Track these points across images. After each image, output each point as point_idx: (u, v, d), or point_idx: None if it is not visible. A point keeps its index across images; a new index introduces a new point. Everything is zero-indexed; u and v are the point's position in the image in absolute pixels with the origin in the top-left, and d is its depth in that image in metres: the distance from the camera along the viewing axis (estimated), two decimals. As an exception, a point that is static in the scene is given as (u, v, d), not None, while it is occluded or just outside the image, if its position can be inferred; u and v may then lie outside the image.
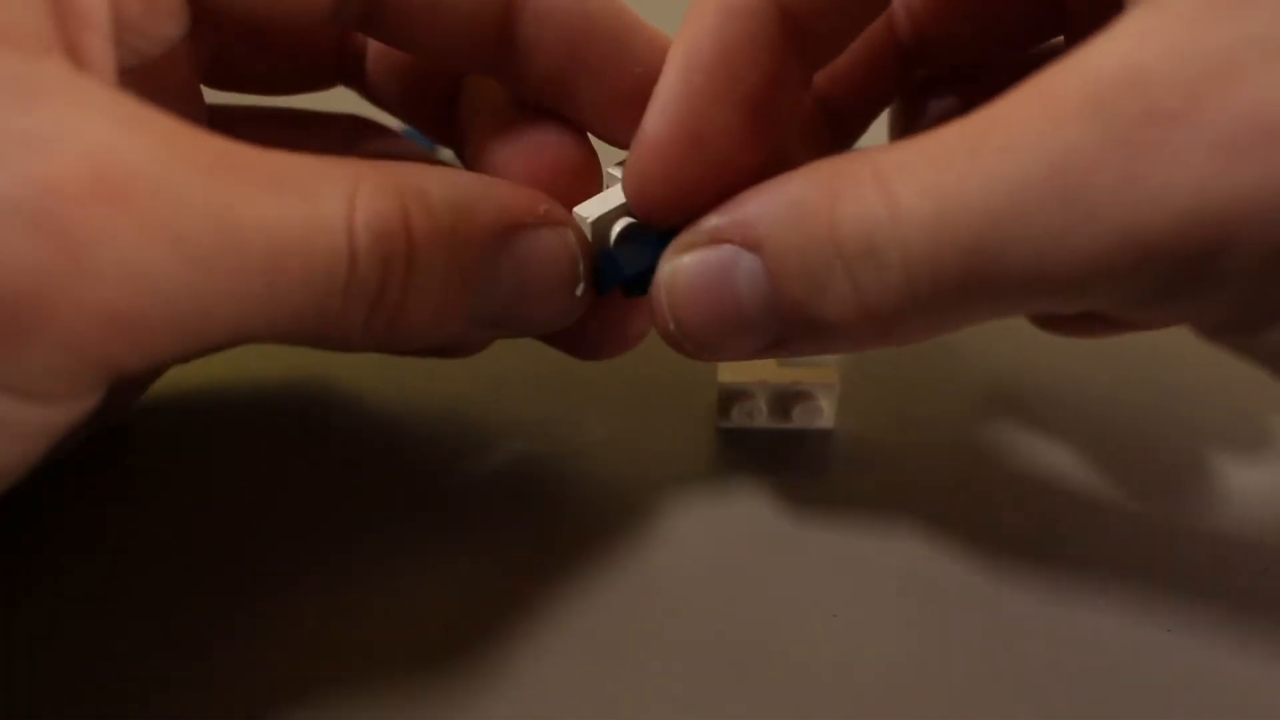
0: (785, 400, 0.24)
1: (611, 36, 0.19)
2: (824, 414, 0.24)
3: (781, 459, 0.24)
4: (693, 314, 0.18)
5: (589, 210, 0.19)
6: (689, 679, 0.19)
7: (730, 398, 0.24)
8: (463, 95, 0.22)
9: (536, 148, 0.20)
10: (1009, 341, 0.27)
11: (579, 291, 0.19)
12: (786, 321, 0.17)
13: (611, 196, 0.19)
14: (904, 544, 0.21)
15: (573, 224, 0.19)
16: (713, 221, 0.18)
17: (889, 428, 0.24)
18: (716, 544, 0.21)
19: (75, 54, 0.15)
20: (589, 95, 0.20)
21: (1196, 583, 0.21)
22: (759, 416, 0.24)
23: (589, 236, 0.19)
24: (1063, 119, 0.14)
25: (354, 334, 0.16)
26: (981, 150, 0.15)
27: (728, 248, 0.18)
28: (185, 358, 0.15)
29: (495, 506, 0.22)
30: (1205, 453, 0.24)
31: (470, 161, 0.21)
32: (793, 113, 0.20)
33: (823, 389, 0.23)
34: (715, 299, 0.18)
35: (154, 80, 0.17)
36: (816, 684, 0.19)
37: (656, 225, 0.19)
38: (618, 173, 0.19)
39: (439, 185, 0.17)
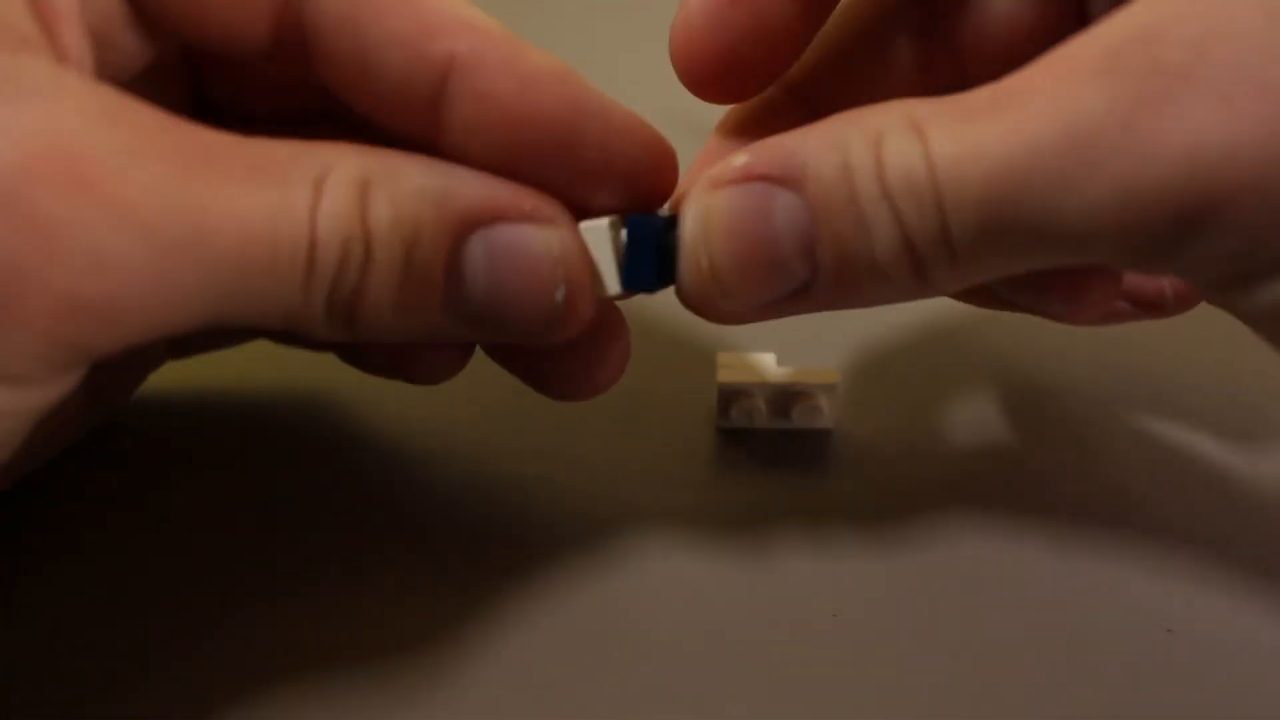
0: (785, 400, 0.24)
1: (563, 126, 0.17)
2: (824, 414, 0.24)
3: (781, 459, 0.24)
4: (728, 249, 0.17)
5: (594, 220, 0.18)
6: (689, 679, 0.19)
7: (730, 398, 0.24)
8: None
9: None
10: (1009, 342, 0.27)
11: (559, 295, 0.17)
12: (823, 262, 0.17)
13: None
14: (904, 543, 0.21)
15: (564, 225, 0.17)
16: (743, 159, 0.17)
17: (889, 428, 0.24)
18: (716, 544, 0.21)
19: (55, 48, 0.15)
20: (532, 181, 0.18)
21: (1196, 583, 0.21)
22: (759, 416, 0.24)
23: (610, 242, 0.18)
24: (1077, 77, 0.15)
25: (317, 324, 0.16)
26: (1005, 107, 0.15)
27: (762, 185, 0.17)
28: (158, 339, 0.15)
29: (494, 506, 0.22)
30: (1206, 452, 0.24)
31: None
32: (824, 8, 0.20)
33: (823, 389, 0.23)
34: (753, 234, 0.17)
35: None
36: (816, 684, 0.19)
37: (704, 97, 0.19)
38: (593, 223, 0.18)
39: (416, 173, 0.16)
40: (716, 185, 0.17)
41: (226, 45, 0.18)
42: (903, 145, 0.16)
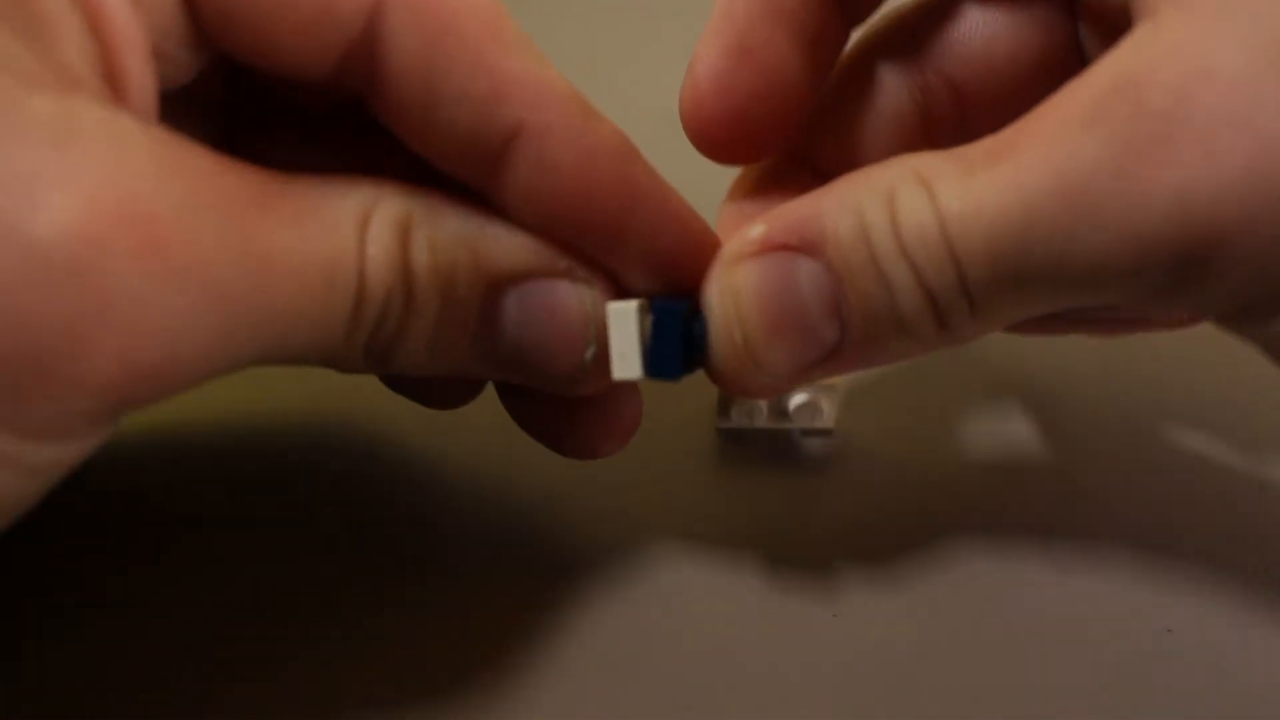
0: (785, 400, 0.24)
1: (617, 206, 0.17)
2: (824, 414, 0.24)
3: (781, 459, 0.24)
4: (758, 320, 0.18)
5: (622, 302, 0.18)
6: (689, 679, 0.19)
7: (730, 398, 0.24)
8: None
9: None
10: (1009, 342, 0.27)
11: (588, 355, 0.18)
12: (850, 322, 0.17)
13: None
14: (904, 544, 0.21)
15: (600, 285, 0.18)
16: (759, 230, 0.17)
17: (889, 428, 0.24)
18: (716, 544, 0.21)
19: (115, 80, 0.14)
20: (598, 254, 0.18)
21: (1196, 583, 0.21)
22: (759, 416, 0.24)
23: (637, 326, 0.18)
24: (1068, 127, 0.15)
25: (355, 363, 0.17)
26: (1001, 158, 0.16)
27: (784, 254, 0.17)
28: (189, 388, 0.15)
29: (494, 506, 0.22)
30: (1206, 452, 0.24)
31: None
32: (829, 60, 0.20)
33: (823, 389, 0.23)
34: (781, 303, 0.17)
35: (179, 108, 0.17)
36: (817, 684, 0.19)
37: (716, 159, 0.20)
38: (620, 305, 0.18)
39: (455, 218, 0.17)
40: (738, 260, 0.18)
41: (288, 71, 0.17)
42: (914, 201, 0.16)
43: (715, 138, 0.19)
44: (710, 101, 0.19)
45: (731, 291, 0.18)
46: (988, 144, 0.16)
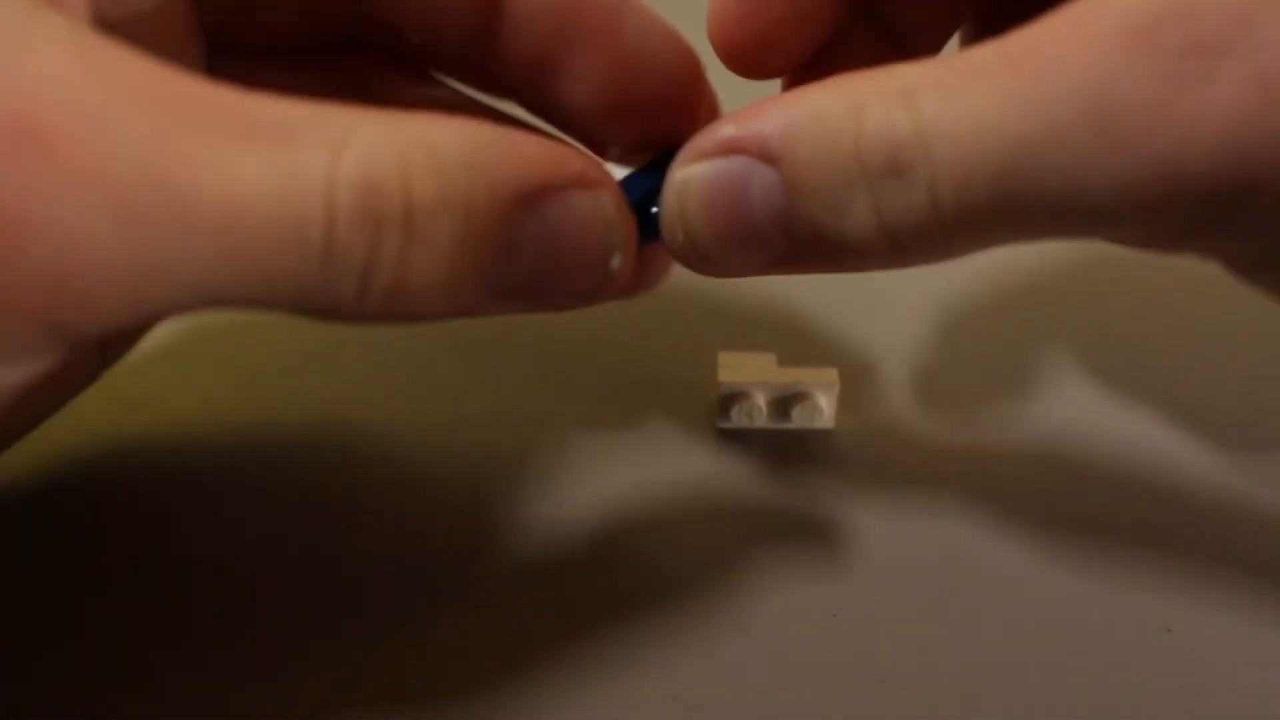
0: (785, 400, 0.24)
1: (603, 8, 0.18)
2: (824, 414, 0.24)
3: (781, 459, 0.24)
4: (704, 225, 0.17)
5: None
6: (688, 679, 0.19)
7: (730, 398, 0.24)
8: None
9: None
10: (1010, 341, 0.27)
11: (615, 263, 0.17)
12: (800, 238, 0.17)
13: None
14: (904, 544, 0.21)
15: (611, 185, 0.17)
16: (727, 129, 0.17)
17: (889, 428, 0.24)
18: (716, 544, 0.21)
19: None
20: (577, 81, 0.18)
21: (1196, 583, 0.21)
22: (759, 416, 0.24)
23: None
24: (1103, 45, 0.14)
25: (344, 306, 0.15)
26: (1018, 73, 0.14)
27: (741, 159, 0.17)
28: (147, 321, 0.14)
29: (493, 507, 0.22)
30: (1206, 452, 0.24)
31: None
32: None
33: (823, 389, 0.23)
34: (728, 210, 0.17)
35: (143, 34, 0.16)
36: (817, 684, 0.19)
37: (741, 74, 0.20)
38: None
39: (454, 139, 0.15)
40: (698, 157, 0.17)
41: None
42: (890, 121, 0.15)
43: (740, 55, 0.20)
44: (735, 22, 0.19)
45: (681, 188, 0.17)
46: (993, 52, 0.15)
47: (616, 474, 0.23)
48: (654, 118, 0.19)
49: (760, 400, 0.24)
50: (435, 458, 0.24)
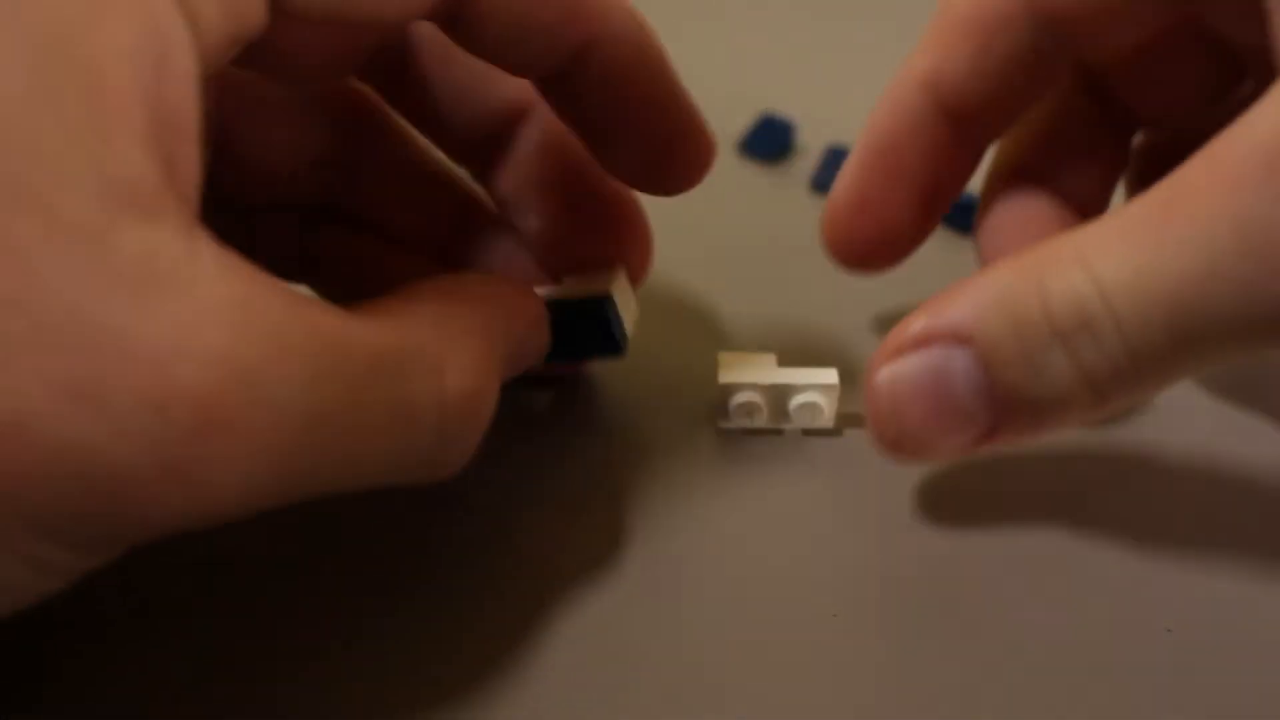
0: (785, 400, 0.24)
1: (657, 78, 0.20)
2: (824, 414, 0.24)
3: (781, 459, 0.24)
4: (915, 416, 0.19)
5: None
6: (689, 679, 0.19)
7: (730, 398, 0.24)
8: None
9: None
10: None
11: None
12: (1002, 408, 0.19)
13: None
14: (904, 544, 0.21)
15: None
16: (919, 324, 0.19)
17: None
18: (716, 544, 0.21)
19: (171, 167, 0.14)
20: (634, 135, 0.21)
21: (1196, 583, 0.21)
22: (759, 417, 0.24)
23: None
24: (1239, 183, 0.16)
25: (411, 478, 0.17)
26: (1171, 220, 0.16)
27: (938, 348, 0.19)
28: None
29: (493, 508, 0.22)
30: (1206, 451, 0.24)
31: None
32: (959, 177, 0.24)
33: (823, 389, 0.23)
34: (936, 398, 0.19)
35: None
36: (817, 684, 0.19)
37: (854, 272, 0.24)
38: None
39: (493, 322, 0.19)
40: (896, 354, 0.19)
41: (388, 13, 0.18)
42: (1071, 283, 0.17)
43: (842, 254, 0.24)
44: (841, 234, 0.23)
45: (889, 390, 0.19)
46: (1149, 204, 0.17)
47: (617, 473, 0.23)
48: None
49: (760, 400, 0.24)
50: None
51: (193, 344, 0.13)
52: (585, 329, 0.22)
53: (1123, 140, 0.24)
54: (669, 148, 0.21)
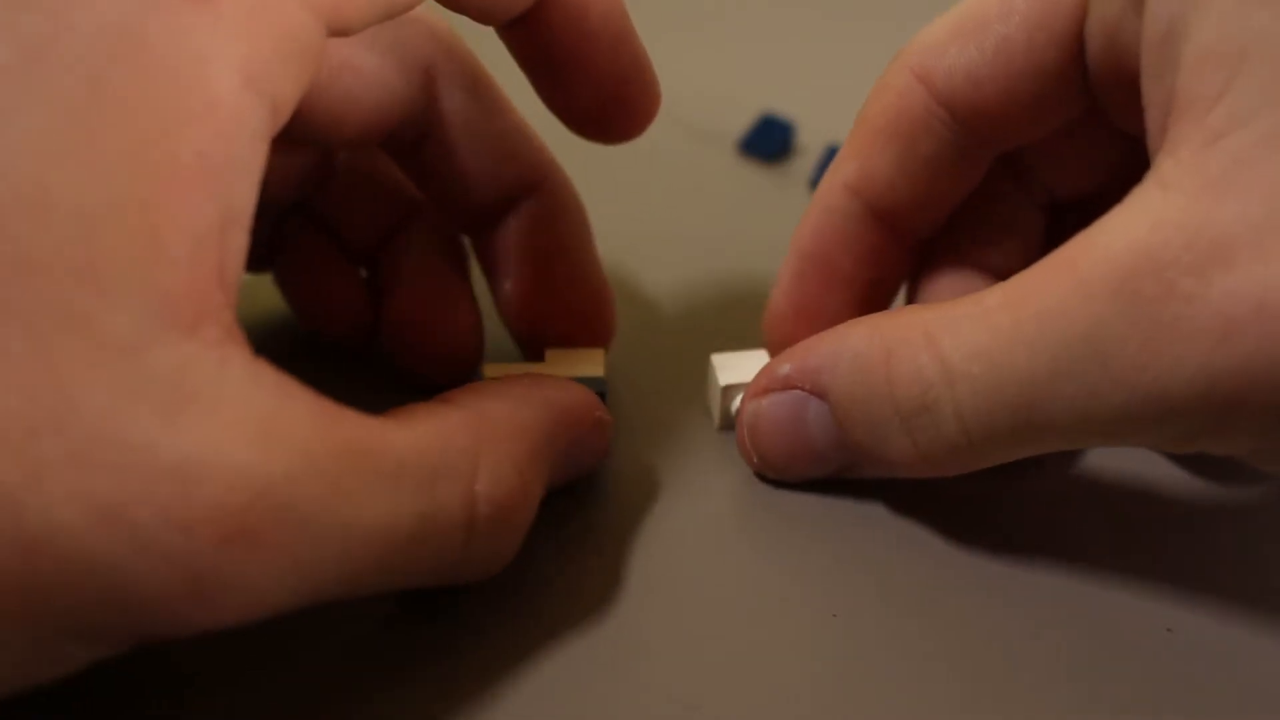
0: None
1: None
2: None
3: (781, 459, 0.23)
4: (772, 449, 0.22)
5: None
6: (689, 679, 0.19)
7: (730, 398, 0.24)
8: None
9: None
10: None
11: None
12: (852, 456, 0.21)
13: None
14: (904, 543, 0.21)
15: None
16: (785, 368, 0.21)
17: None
18: (716, 544, 0.21)
19: (223, 261, 0.14)
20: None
21: (1196, 583, 0.21)
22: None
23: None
24: (1090, 294, 0.16)
25: (443, 582, 0.18)
26: (1022, 317, 0.17)
27: (798, 394, 0.21)
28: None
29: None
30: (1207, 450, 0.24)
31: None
32: (895, 275, 0.24)
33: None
34: (791, 437, 0.21)
35: None
36: (817, 684, 0.19)
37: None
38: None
39: (536, 425, 0.19)
40: (762, 391, 0.21)
41: (358, 134, 0.21)
42: (917, 364, 0.18)
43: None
44: (780, 343, 0.23)
45: (751, 423, 0.22)
46: (1000, 295, 0.18)
47: (616, 474, 0.23)
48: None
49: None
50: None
51: (218, 461, 0.13)
52: None
53: (1042, 214, 0.24)
54: (620, 93, 0.21)
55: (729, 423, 0.24)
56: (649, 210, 0.30)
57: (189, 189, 0.14)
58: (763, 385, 0.21)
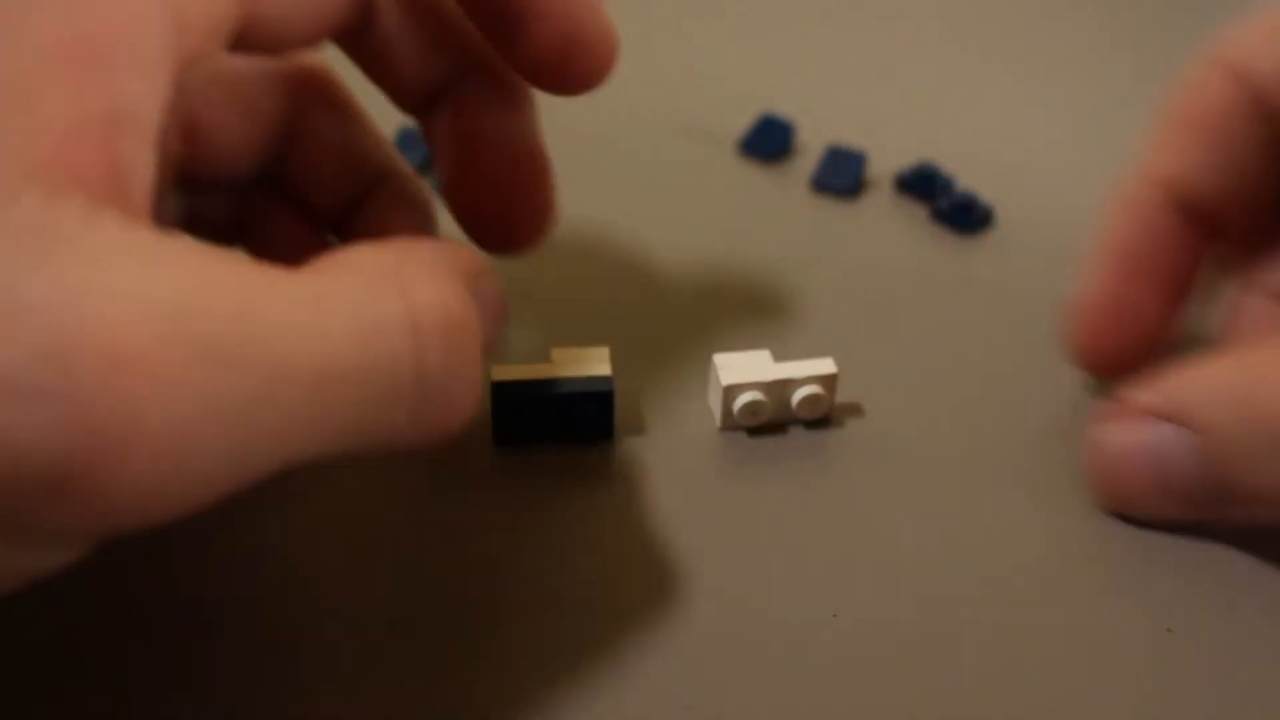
0: (787, 395, 0.24)
1: None
2: (825, 403, 0.24)
3: (781, 459, 0.23)
4: (1122, 478, 0.21)
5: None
6: (688, 679, 0.19)
7: (730, 397, 0.24)
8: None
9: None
10: (1007, 336, 0.27)
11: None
12: (1216, 494, 0.20)
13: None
14: (904, 542, 0.21)
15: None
16: (1147, 398, 0.21)
17: (889, 426, 0.24)
18: (717, 544, 0.21)
19: (114, 161, 0.14)
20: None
21: (1196, 583, 0.21)
22: (760, 414, 0.24)
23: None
24: None
25: (403, 435, 0.16)
26: None
27: (1165, 427, 0.20)
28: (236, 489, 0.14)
29: (493, 508, 0.22)
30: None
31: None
32: (1197, 272, 0.24)
33: (821, 380, 0.23)
34: (1145, 469, 0.21)
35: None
36: (817, 684, 0.19)
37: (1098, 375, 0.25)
38: None
39: (446, 257, 0.18)
40: (1123, 418, 0.21)
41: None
42: None
43: (1091, 361, 0.24)
44: (1088, 339, 0.24)
45: (1103, 449, 0.22)
46: None
47: (617, 474, 0.23)
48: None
49: (760, 397, 0.24)
50: (432, 458, 0.24)
51: (93, 292, 0.12)
52: (585, 413, 0.23)
53: None
54: (573, 43, 0.20)
55: (730, 423, 0.24)
56: (649, 210, 0.30)
57: (71, 68, 0.13)
58: (1124, 411, 0.21)
